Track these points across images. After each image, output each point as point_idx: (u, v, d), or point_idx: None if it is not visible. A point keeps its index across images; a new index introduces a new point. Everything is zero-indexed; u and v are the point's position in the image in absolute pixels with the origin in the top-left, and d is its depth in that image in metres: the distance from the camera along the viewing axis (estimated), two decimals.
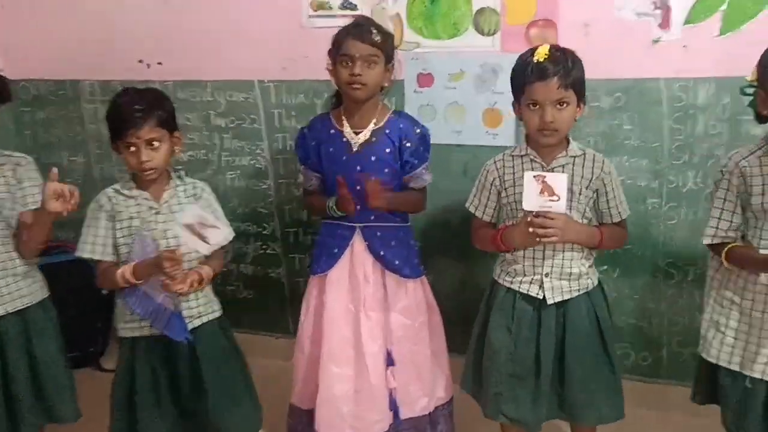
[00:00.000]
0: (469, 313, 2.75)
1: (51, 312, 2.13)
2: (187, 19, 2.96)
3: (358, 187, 2.15)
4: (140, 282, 1.98)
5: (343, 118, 2.20)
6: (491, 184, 2.05)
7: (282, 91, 2.92)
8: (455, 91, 2.66)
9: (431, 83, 2.67)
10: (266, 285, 3.15)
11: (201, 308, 2.09)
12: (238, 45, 2.91)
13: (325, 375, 2.24)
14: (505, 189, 2.02)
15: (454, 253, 2.80)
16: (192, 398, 2.08)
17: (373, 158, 2.17)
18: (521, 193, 1.85)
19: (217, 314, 2.15)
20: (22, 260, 2.04)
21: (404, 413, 2.31)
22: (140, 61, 3.07)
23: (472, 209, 2.11)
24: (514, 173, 2.00)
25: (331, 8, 2.76)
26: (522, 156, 2.00)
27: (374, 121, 2.18)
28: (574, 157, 1.96)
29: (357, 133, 2.18)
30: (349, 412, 2.25)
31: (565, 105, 1.86)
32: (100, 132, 3.21)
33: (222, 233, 1.96)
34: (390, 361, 2.26)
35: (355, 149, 2.18)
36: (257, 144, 3.01)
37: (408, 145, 2.18)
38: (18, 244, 2.03)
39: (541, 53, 1.84)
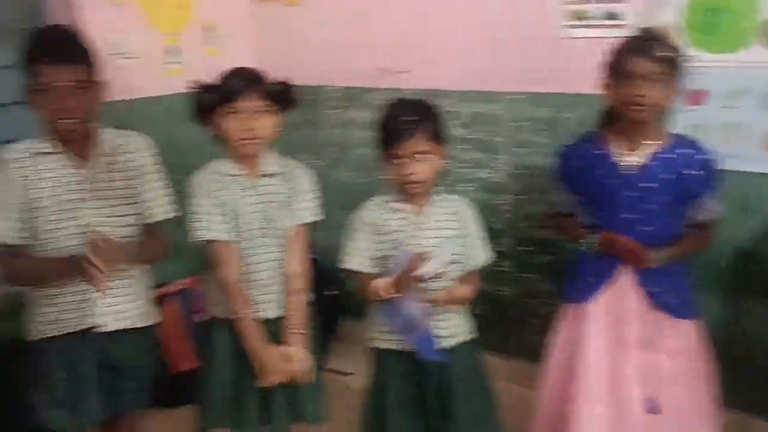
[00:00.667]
0: (740, 362, 2.50)
1: (314, 321, 2.15)
2: (434, 27, 2.93)
3: (631, 216, 1.98)
4: (398, 296, 1.94)
5: (616, 138, 2.02)
6: None
7: (527, 104, 2.79)
8: (734, 111, 2.38)
9: (705, 101, 2.41)
10: (493, 303, 3.04)
11: (455, 329, 2.03)
12: (485, 55, 2.83)
13: (578, 414, 2.08)
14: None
15: (723, 296, 2.53)
16: (438, 417, 2.02)
17: (650, 184, 1.97)
18: None
19: (471, 336, 2.08)
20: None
21: None
22: (387, 68, 3.09)
23: None
24: None
25: (590, 18, 2.59)
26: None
27: (652, 143, 1.98)
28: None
29: (630, 156, 2.00)
30: None
31: None
32: (339, 137, 3.29)
33: (480, 256, 1.89)
34: (653, 408, 2.05)
35: (629, 172, 1.99)
36: (496, 157, 2.91)
37: (693, 173, 1.95)
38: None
39: None
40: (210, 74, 2.04)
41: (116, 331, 1.88)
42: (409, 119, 1.88)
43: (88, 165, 1.83)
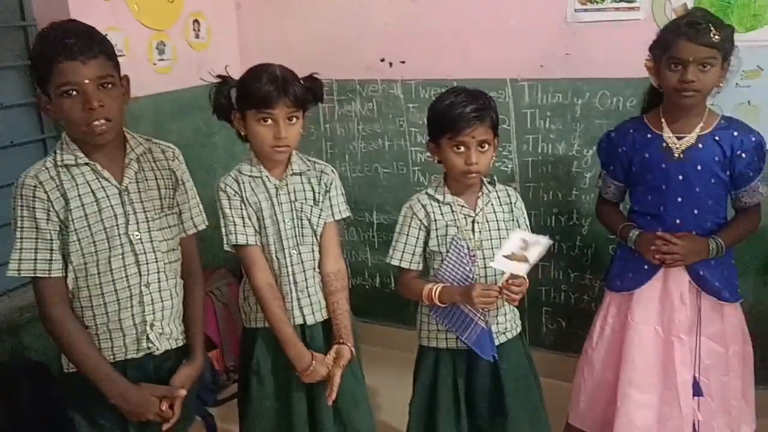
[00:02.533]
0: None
1: (354, 323, 2.04)
2: (434, 16, 2.85)
3: (680, 199, 1.97)
4: (444, 305, 1.89)
5: (663, 121, 2.00)
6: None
7: (537, 91, 2.76)
8: (749, 89, 2.40)
9: None
10: None
11: (508, 324, 1.98)
12: (490, 42, 2.77)
13: (626, 401, 2.07)
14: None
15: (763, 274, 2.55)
16: (486, 416, 1.97)
17: (698, 167, 1.96)
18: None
19: (519, 329, 2.03)
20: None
21: None
22: (382, 60, 2.99)
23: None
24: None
25: (602, 2, 2.56)
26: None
27: (701, 125, 1.96)
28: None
29: (679, 138, 1.98)
30: None
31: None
32: (335, 131, 3.18)
33: (542, 245, 1.82)
34: (697, 391, 2.05)
35: (676, 155, 1.98)
36: (505, 146, 2.86)
37: (743, 155, 1.94)
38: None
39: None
40: (199, 70, 1.92)
41: (164, 352, 1.76)
42: (474, 106, 1.81)
43: (123, 176, 1.67)
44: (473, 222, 1.90)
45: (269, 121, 1.83)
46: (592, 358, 2.19)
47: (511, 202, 1.97)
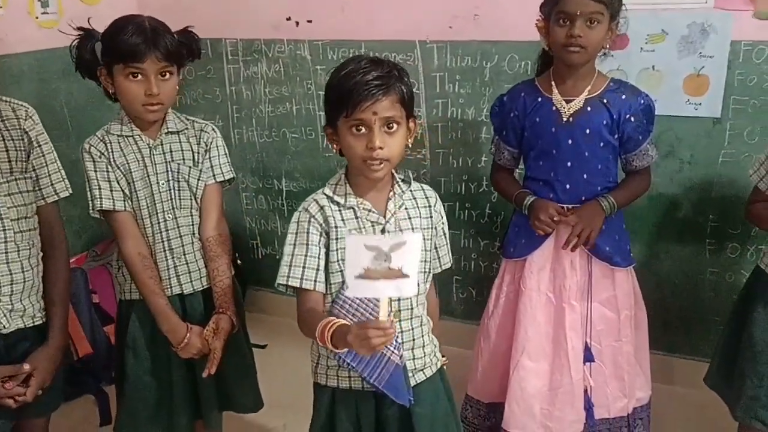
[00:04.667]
0: (673, 307, 2.54)
1: (238, 292, 1.95)
2: None
3: (569, 164, 1.92)
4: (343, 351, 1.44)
5: (553, 83, 1.93)
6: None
7: (446, 53, 2.67)
8: (653, 54, 2.36)
9: (625, 45, 2.37)
10: None
11: (427, 358, 1.61)
12: (398, 2, 2.67)
13: (517, 369, 2.03)
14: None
15: (653, 240, 2.55)
16: None
17: (587, 130, 1.91)
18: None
19: (440, 364, 1.67)
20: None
21: (599, 413, 2.08)
22: (288, 19, 2.86)
23: None
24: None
25: None
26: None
27: (589, 88, 1.91)
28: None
29: (568, 102, 1.92)
30: (541, 410, 2.05)
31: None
32: (241, 94, 3.04)
33: (410, 241, 1.27)
34: (588, 357, 2.03)
35: (565, 119, 1.92)
36: (414, 110, 2.77)
37: (632, 119, 1.89)
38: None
39: None
40: (92, 26, 1.77)
41: (14, 332, 1.62)
42: (378, 74, 1.42)
43: None
44: (382, 231, 1.52)
45: (139, 77, 1.70)
46: (488, 327, 2.14)
47: (429, 205, 1.60)
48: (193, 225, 1.86)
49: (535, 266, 2.01)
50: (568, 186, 1.94)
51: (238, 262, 3.16)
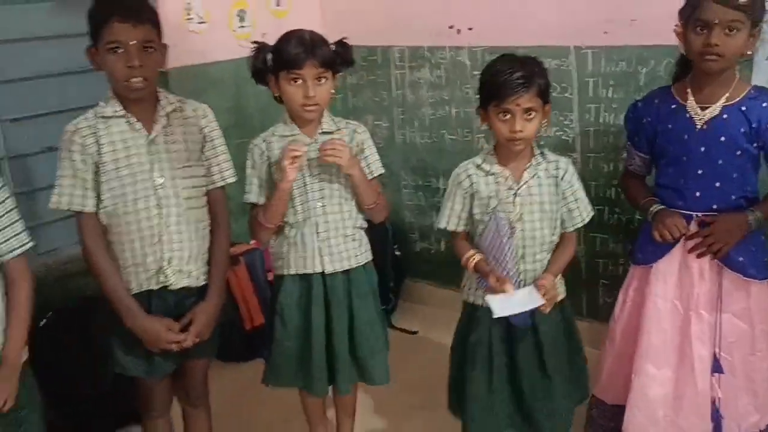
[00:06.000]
0: None
1: (373, 275, 2.18)
2: None
3: (700, 171, 1.90)
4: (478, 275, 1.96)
5: (689, 90, 1.93)
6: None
7: (601, 59, 2.69)
8: None
9: None
10: None
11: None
12: (553, 7, 2.74)
13: (640, 375, 2.04)
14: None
15: None
16: (532, 376, 2.00)
17: (722, 138, 1.88)
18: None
19: (561, 296, 2.03)
20: (351, 222, 2.11)
21: (728, 427, 2.03)
22: (451, 27, 3.04)
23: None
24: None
25: None
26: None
27: (727, 95, 1.88)
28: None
29: (703, 109, 1.90)
30: (664, 417, 2.04)
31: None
32: (405, 98, 3.28)
33: (580, 217, 1.98)
34: (717, 368, 1.99)
35: (699, 126, 1.90)
36: (566, 114, 2.83)
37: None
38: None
39: None
40: (264, 40, 2.07)
41: (184, 288, 1.96)
42: (521, 73, 1.82)
43: (152, 128, 1.89)
44: (515, 195, 1.92)
45: (299, 81, 1.97)
46: (614, 330, 2.17)
47: (557, 176, 1.96)
48: (342, 213, 2.09)
49: (662, 273, 2.01)
50: (698, 194, 1.92)
51: (397, 253, 3.41)
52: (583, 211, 2.00)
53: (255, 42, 2.08)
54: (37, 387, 1.79)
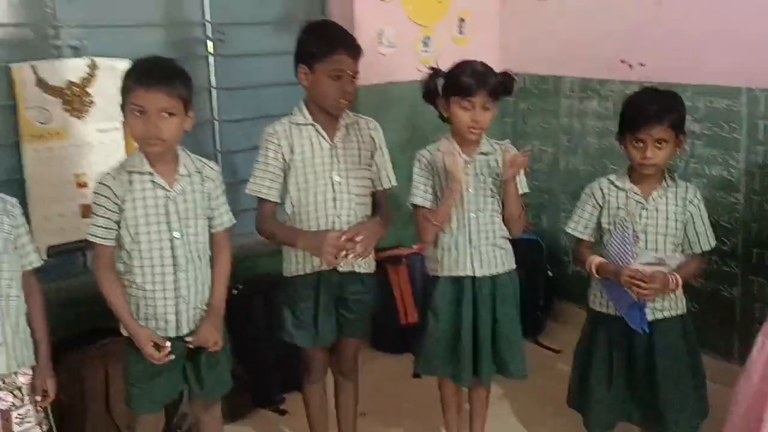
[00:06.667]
0: None
1: (516, 282, 2.38)
2: (676, 19, 2.93)
3: None
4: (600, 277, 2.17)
5: None
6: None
7: None
8: None
9: None
10: (715, 303, 2.98)
11: (666, 303, 2.18)
12: (727, 48, 2.78)
13: None
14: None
15: None
16: (644, 383, 2.19)
17: None
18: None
19: (681, 312, 2.22)
20: (500, 233, 2.33)
21: None
22: (622, 61, 3.15)
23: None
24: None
25: None
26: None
27: None
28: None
29: None
30: None
31: None
32: (572, 126, 3.42)
33: (703, 243, 2.19)
34: None
35: None
36: (733, 154, 2.84)
37: None
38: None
39: None
40: (438, 66, 2.34)
41: (348, 273, 2.28)
42: (656, 106, 2.07)
43: (335, 137, 2.24)
44: (643, 209, 2.15)
45: (468, 107, 2.22)
46: (750, 368, 2.18)
47: (686, 198, 2.17)
48: (493, 224, 2.31)
49: None
50: None
51: (549, 273, 3.55)
52: (709, 237, 2.19)
53: (430, 68, 2.36)
54: (228, 338, 2.17)
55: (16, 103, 2.57)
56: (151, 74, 1.89)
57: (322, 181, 2.23)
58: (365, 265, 2.32)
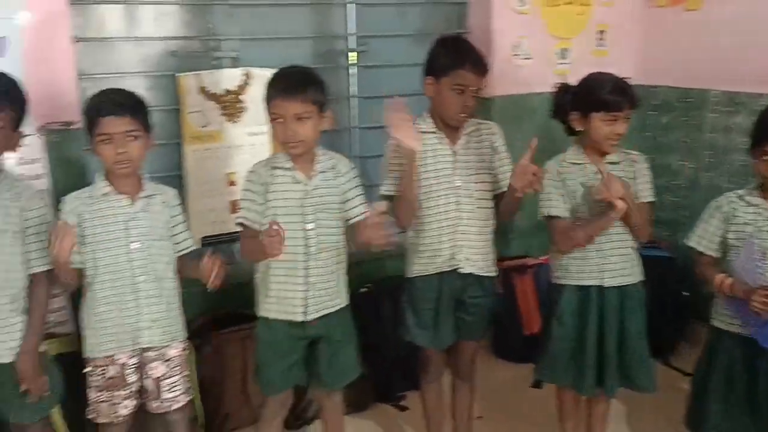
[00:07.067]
0: None
1: (642, 293, 2.36)
2: None
3: None
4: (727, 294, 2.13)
5: None
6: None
7: None
8: None
9: None
10: None
11: None
12: None
13: None
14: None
15: None
16: (765, 407, 2.13)
17: None
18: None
19: None
20: (629, 243, 2.31)
21: None
22: None
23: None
24: None
25: None
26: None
27: None
28: None
29: None
30: None
31: None
32: (716, 141, 3.29)
33: None
34: None
35: None
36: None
37: None
38: None
39: None
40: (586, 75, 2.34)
41: (468, 275, 2.35)
42: None
43: (456, 143, 2.33)
44: None
45: (612, 120, 2.20)
46: None
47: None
48: (623, 234, 2.28)
49: None
50: None
51: (685, 293, 3.41)
52: None
53: (559, 83, 2.38)
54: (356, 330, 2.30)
55: (180, 108, 2.86)
56: (285, 84, 2.07)
57: (444, 185, 2.33)
58: (486, 268, 2.38)
